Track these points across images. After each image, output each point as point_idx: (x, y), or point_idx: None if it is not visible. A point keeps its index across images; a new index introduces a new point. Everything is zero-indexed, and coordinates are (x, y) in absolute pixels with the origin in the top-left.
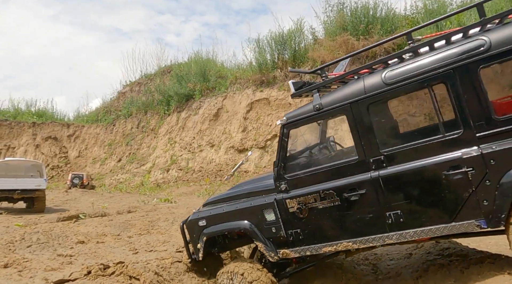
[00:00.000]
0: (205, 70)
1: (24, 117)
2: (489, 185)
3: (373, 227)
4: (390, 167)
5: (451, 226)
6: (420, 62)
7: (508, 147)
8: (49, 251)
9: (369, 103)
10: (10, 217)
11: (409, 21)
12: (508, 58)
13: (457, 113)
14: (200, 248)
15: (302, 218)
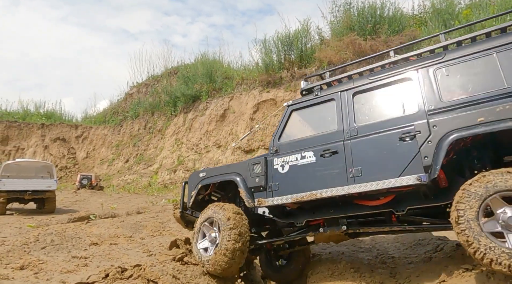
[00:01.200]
0: (211, 71)
1: (33, 118)
2: (431, 144)
3: (338, 179)
4: (359, 135)
5: (398, 179)
6: (395, 68)
7: (447, 117)
8: (63, 253)
9: (354, 91)
10: (21, 218)
11: (416, 20)
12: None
13: (416, 98)
14: (193, 195)
15: (281, 173)
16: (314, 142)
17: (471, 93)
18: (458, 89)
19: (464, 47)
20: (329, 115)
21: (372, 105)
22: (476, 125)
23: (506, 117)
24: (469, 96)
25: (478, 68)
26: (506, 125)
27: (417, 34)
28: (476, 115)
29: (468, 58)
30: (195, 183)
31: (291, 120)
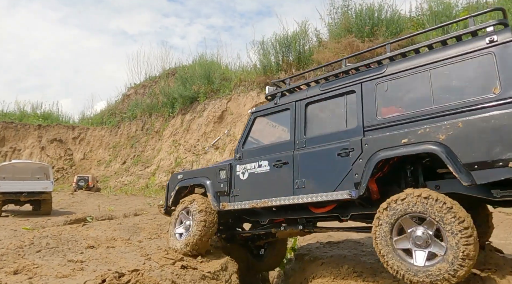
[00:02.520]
0: (209, 73)
1: (29, 119)
2: (361, 162)
3: (285, 189)
4: (307, 147)
5: (332, 193)
6: (343, 80)
7: (377, 136)
8: (59, 256)
9: (306, 102)
10: (17, 220)
11: (414, 23)
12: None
13: (357, 112)
14: (172, 195)
15: (242, 179)
16: (270, 151)
17: (404, 111)
18: (394, 106)
19: (403, 60)
20: (285, 125)
21: (321, 116)
22: (399, 146)
23: (426, 140)
24: (402, 115)
25: (414, 85)
26: (424, 148)
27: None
28: (401, 136)
29: (404, 73)
30: (174, 184)
31: (254, 127)
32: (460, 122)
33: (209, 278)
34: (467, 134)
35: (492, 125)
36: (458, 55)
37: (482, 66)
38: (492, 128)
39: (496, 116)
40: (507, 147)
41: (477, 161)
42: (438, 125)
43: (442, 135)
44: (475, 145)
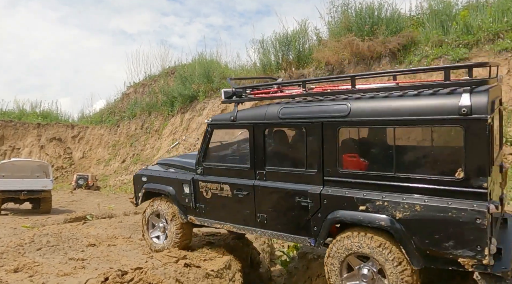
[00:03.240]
0: (209, 71)
1: (29, 118)
2: (320, 217)
3: (248, 220)
4: (267, 180)
5: (294, 237)
6: (304, 109)
7: (337, 194)
8: (60, 255)
9: (265, 128)
10: (17, 218)
11: (414, 21)
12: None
13: (317, 156)
14: (140, 196)
15: (206, 197)
16: (231, 174)
17: (366, 168)
18: (357, 156)
19: (367, 101)
20: (244, 147)
21: (281, 147)
22: (356, 213)
23: (383, 214)
24: (363, 173)
25: (377, 138)
26: (379, 223)
27: (414, 35)
28: (360, 202)
29: (369, 123)
30: (140, 186)
31: (213, 139)
32: (418, 206)
33: (212, 277)
34: (423, 219)
35: (449, 217)
36: (424, 118)
37: (450, 139)
38: (448, 220)
39: (454, 208)
40: (459, 244)
41: (429, 248)
42: (396, 202)
43: (399, 214)
44: (430, 233)
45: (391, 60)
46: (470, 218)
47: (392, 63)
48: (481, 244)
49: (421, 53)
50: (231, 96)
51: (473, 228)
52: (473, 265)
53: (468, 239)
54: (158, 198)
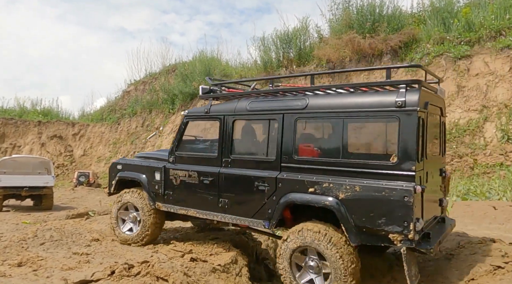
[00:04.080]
0: (209, 69)
1: (29, 116)
2: (274, 199)
3: (211, 205)
4: (232, 168)
5: (250, 220)
6: (269, 103)
7: (290, 178)
8: (63, 249)
9: (234, 119)
10: (18, 215)
11: (415, 19)
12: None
13: (276, 145)
14: (113, 184)
15: (175, 184)
16: (199, 162)
17: (318, 155)
18: (311, 146)
19: (325, 97)
20: (214, 137)
21: (247, 137)
22: (306, 194)
23: (329, 195)
24: (315, 159)
25: (329, 130)
26: (324, 203)
27: (415, 32)
28: (309, 185)
29: (323, 114)
30: (114, 174)
31: (187, 131)
32: (358, 186)
33: (219, 271)
34: (361, 199)
35: (382, 196)
36: (368, 110)
37: (388, 128)
38: (381, 199)
39: (386, 188)
40: (388, 221)
41: (365, 226)
42: (340, 183)
43: (342, 194)
44: (366, 210)
45: (392, 57)
46: (399, 196)
47: (394, 61)
48: (408, 220)
49: (422, 50)
50: (208, 92)
51: (402, 205)
52: (401, 240)
53: (397, 216)
54: (127, 191)
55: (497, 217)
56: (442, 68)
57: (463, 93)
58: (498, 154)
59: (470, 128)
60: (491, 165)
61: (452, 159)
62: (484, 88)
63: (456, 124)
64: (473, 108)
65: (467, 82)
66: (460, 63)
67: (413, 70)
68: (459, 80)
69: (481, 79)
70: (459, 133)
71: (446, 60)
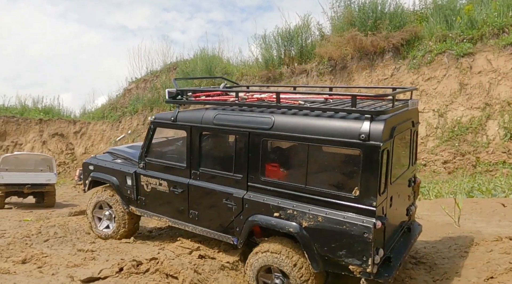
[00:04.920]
0: (211, 67)
1: (31, 114)
2: (241, 219)
3: (182, 215)
4: (200, 180)
5: (220, 234)
6: (235, 117)
7: (256, 200)
8: (68, 246)
9: (201, 131)
10: (21, 212)
11: (417, 16)
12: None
13: (243, 163)
14: (87, 183)
15: (146, 191)
16: (169, 171)
17: (285, 178)
18: (278, 167)
19: (289, 117)
20: (183, 146)
21: (215, 151)
22: (271, 218)
23: (293, 221)
24: (281, 182)
25: (295, 153)
26: (288, 229)
27: (418, 30)
28: (275, 209)
29: (288, 138)
30: (88, 173)
31: (156, 136)
32: (320, 217)
33: (228, 269)
34: (323, 229)
35: (343, 229)
36: (332, 139)
37: (350, 160)
38: (342, 232)
39: (347, 222)
40: (350, 253)
41: (327, 255)
42: (304, 212)
43: (305, 223)
44: (328, 241)
45: (394, 55)
46: (359, 232)
47: (396, 59)
48: (367, 254)
49: (424, 48)
50: (175, 96)
51: (361, 240)
52: (360, 272)
53: (357, 250)
54: (100, 189)
55: (506, 214)
56: (445, 65)
57: (466, 91)
58: (501, 151)
59: (472, 126)
60: (493, 163)
61: (454, 157)
62: (486, 86)
63: (458, 122)
64: (476, 106)
65: (470, 80)
66: (462, 60)
67: (415, 68)
68: (461, 78)
69: (483, 77)
70: (462, 131)
71: (448, 58)
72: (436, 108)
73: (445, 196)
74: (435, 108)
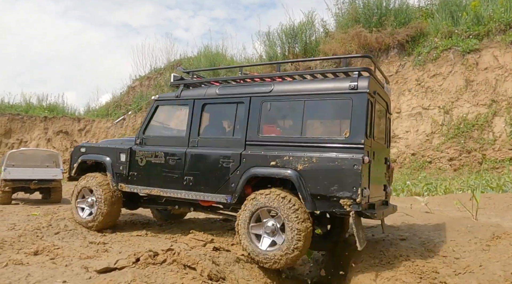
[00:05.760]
0: (214, 64)
1: (35, 111)
2: (238, 174)
3: (176, 183)
4: (199, 147)
5: (213, 195)
6: (238, 89)
7: (254, 153)
8: (79, 238)
9: (203, 103)
10: (28, 207)
11: (423, 12)
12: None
13: (242, 125)
14: (74, 167)
15: (140, 165)
16: (167, 143)
17: (280, 134)
18: (274, 126)
19: (288, 83)
20: (183, 119)
21: (215, 119)
22: (268, 167)
23: (288, 166)
24: (278, 137)
25: (291, 111)
26: (284, 173)
27: (423, 26)
28: (271, 158)
29: (286, 97)
30: (77, 156)
31: (156, 115)
32: (315, 158)
33: (243, 261)
34: (317, 169)
35: (335, 165)
36: (326, 93)
37: (342, 108)
38: (334, 168)
39: (338, 158)
40: (340, 187)
41: (319, 193)
42: (299, 156)
43: (300, 166)
44: (321, 179)
45: (399, 52)
46: (350, 165)
47: (401, 55)
48: (356, 185)
49: (430, 44)
50: (178, 80)
51: (351, 173)
52: (350, 204)
53: (347, 182)
54: (82, 178)
55: None
56: (450, 62)
57: (472, 88)
58: (507, 149)
59: (478, 123)
60: (500, 160)
61: (460, 154)
62: (493, 82)
63: (464, 119)
64: (482, 103)
65: (476, 77)
66: (468, 57)
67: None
68: (467, 75)
69: (490, 73)
70: (467, 128)
71: (454, 54)
72: (441, 105)
73: (455, 191)
74: (440, 105)
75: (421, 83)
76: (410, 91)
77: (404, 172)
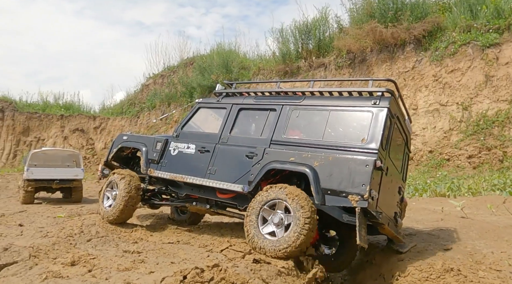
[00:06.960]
0: (227, 62)
1: (52, 110)
2: (258, 166)
3: (199, 172)
4: (228, 143)
5: (231, 185)
6: (272, 99)
7: (276, 150)
8: (112, 246)
9: (240, 107)
10: (51, 207)
11: (440, 6)
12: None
13: (271, 127)
14: (113, 151)
15: (172, 154)
16: (200, 138)
17: (303, 137)
18: (298, 130)
19: (316, 98)
20: (219, 119)
21: (247, 122)
22: (287, 162)
23: (305, 163)
24: (300, 139)
25: (316, 119)
26: (301, 168)
27: (440, 20)
28: (290, 155)
29: (314, 108)
30: (118, 143)
31: (196, 115)
32: (331, 157)
33: (284, 274)
34: (332, 166)
35: (348, 165)
36: (353, 106)
37: (363, 120)
38: (347, 167)
39: (352, 159)
40: (351, 183)
41: (330, 188)
42: (317, 154)
43: (317, 162)
44: (334, 175)
45: (415, 47)
46: (362, 164)
47: (417, 51)
48: (365, 182)
49: (447, 39)
50: (220, 93)
51: (362, 171)
52: (357, 200)
53: (358, 179)
54: (115, 170)
55: None
56: (469, 57)
57: (492, 83)
58: None
59: (499, 119)
60: None
61: (480, 151)
62: None
63: (484, 115)
64: (503, 99)
65: (496, 72)
66: (488, 51)
67: (438, 60)
68: (487, 70)
69: (511, 68)
70: (488, 125)
71: (473, 49)
72: (460, 101)
73: (483, 193)
74: (459, 102)
75: (438, 79)
76: (427, 87)
77: (422, 169)
